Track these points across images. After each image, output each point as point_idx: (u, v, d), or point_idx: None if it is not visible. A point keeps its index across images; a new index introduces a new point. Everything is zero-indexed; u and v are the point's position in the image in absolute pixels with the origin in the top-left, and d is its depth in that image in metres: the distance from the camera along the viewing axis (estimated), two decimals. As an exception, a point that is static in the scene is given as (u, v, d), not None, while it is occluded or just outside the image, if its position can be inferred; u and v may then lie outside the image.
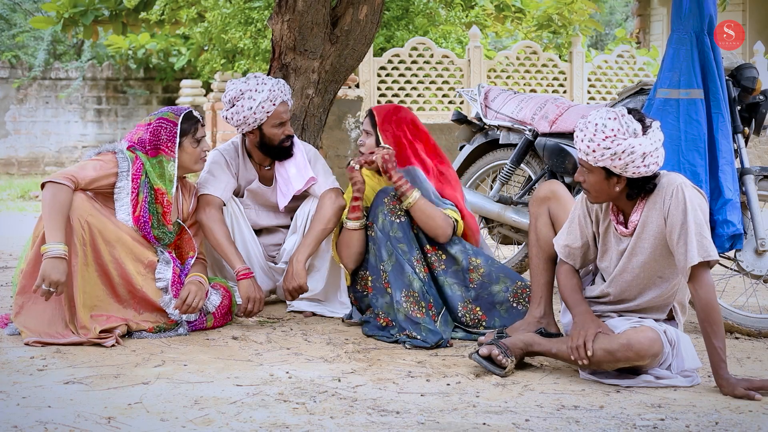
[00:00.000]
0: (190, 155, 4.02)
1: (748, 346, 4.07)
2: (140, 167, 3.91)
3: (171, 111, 4.03)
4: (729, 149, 4.16)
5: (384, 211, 3.99)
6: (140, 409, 2.87)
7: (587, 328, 3.30)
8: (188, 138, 4.00)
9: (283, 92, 4.30)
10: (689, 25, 4.16)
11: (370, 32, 5.12)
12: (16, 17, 16.85)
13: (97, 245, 3.76)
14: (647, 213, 3.31)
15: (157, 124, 3.98)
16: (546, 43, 10.95)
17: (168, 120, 3.98)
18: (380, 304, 4.00)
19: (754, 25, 13.72)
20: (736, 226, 4.05)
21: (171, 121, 3.98)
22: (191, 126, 4.01)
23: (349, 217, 4.06)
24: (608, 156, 3.20)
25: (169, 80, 15.67)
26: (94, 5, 11.56)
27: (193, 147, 4.02)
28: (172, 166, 3.97)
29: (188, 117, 4.02)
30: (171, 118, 3.98)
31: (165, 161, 3.96)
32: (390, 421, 2.82)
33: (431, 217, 3.99)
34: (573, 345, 3.28)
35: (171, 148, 3.96)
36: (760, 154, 9.45)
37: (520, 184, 5.43)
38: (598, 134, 3.20)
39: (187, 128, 4.00)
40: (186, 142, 4.00)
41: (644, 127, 3.22)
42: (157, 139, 3.96)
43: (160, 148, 3.96)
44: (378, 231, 3.99)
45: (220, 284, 4.13)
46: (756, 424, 2.85)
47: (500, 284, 4.03)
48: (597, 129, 3.21)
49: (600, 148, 3.21)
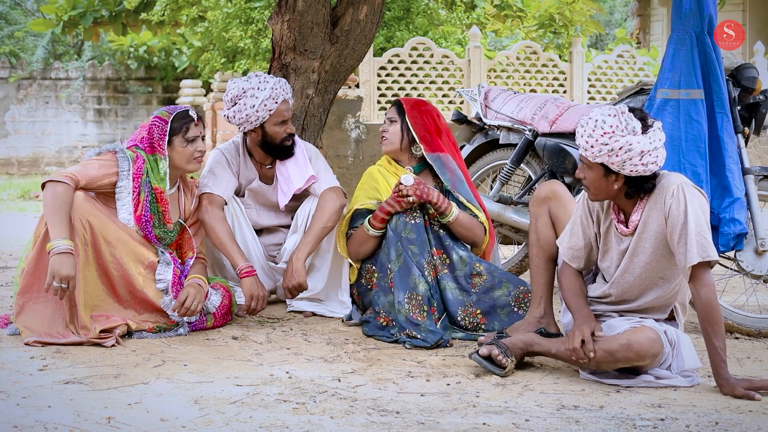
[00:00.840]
0: (180, 155, 4.00)
1: (748, 346, 4.07)
2: (141, 166, 3.92)
3: (165, 110, 4.04)
4: (734, 149, 4.17)
5: (398, 211, 4.01)
6: (140, 409, 2.87)
7: (582, 328, 3.30)
8: (178, 137, 3.99)
9: (285, 91, 4.31)
10: (689, 25, 4.17)
11: (370, 32, 5.12)
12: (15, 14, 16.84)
13: (98, 245, 3.76)
14: (648, 213, 3.31)
15: (151, 123, 4.00)
16: (546, 43, 10.94)
17: (161, 119, 3.99)
18: (382, 302, 4.00)
19: (754, 25, 13.71)
20: (743, 224, 4.07)
21: (163, 120, 3.99)
22: (182, 125, 4.00)
23: (374, 225, 4.08)
24: (605, 152, 3.21)
25: (170, 80, 15.67)
26: (93, 7, 11.55)
27: (182, 146, 4.00)
28: (164, 164, 3.97)
29: (180, 116, 4.01)
30: (163, 116, 4.00)
31: (158, 159, 3.98)
32: (390, 421, 2.82)
33: (470, 229, 4.12)
34: (570, 347, 3.28)
35: (161, 146, 3.97)
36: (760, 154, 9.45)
37: (520, 184, 5.43)
38: (597, 130, 3.22)
39: (178, 127, 3.99)
40: (176, 141, 3.99)
41: (645, 126, 3.23)
42: (151, 137, 3.97)
43: (153, 146, 3.97)
44: (390, 230, 3.99)
45: (220, 284, 4.13)
46: (756, 424, 2.85)
47: (502, 289, 4.03)
48: (596, 125, 3.23)
49: (598, 144, 3.22)
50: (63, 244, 3.60)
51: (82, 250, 3.72)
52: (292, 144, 4.39)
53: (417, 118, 4.23)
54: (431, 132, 4.23)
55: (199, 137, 4.06)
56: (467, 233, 4.13)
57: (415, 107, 4.27)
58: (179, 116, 4.01)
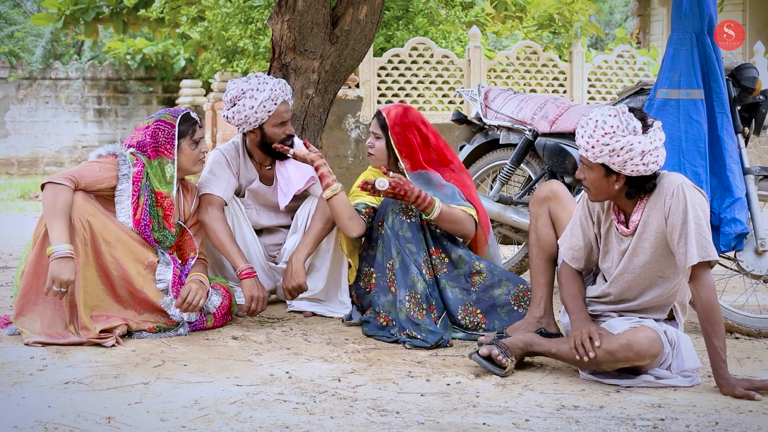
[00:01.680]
0: (188, 157, 4.03)
1: (748, 346, 4.07)
2: (141, 170, 3.92)
3: (168, 113, 4.04)
4: (735, 149, 4.17)
5: (395, 210, 3.99)
6: (140, 409, 2.87)
7: (587, 326, 3.31)
8: (186, 140, 4.01)
9: (284, 92, 4.31)
10: (689, 25, 4.17)
11: (370, 32, 5.12)
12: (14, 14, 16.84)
13: (98, 245, 3.76)
14: (648, 213, 3.31)
15: (155, 126, 3.98)
16: (546, 42, 10.93)
17: (166, 122, 3.99)
18: (382, 302, 4.00)
19: (754, 25, 13.71)
20: (744, 224, 4.07)
21: (169, 123, 3.98)
22: (189, 128, 4.02)
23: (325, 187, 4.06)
24: (606, 152, 3.21)
25: (170, 80, 15.67)
26: (95, 3, 11.55)
27: (191, 149, 4.02)
28: (171, 168, 3.97)
29: (186, 119, 4.03)
30: (168, 120, 3.99)
31: (164, 163, 3.97)
32: (390, 421, 2.82)
33: (456, 222, 4.03)
34: (577, 342, 3.28)
35: (170, 150, 3.97)
36: (760, 154, 9.45)
37: (520, 184, 5.43)
38: (598, 130, 3.22)
39: (185, 130, 4.01)
40: (184, 144, 4.01)
41: (645, 126, 3.23)
42: (156, 141, 3.96)
43: (159, 150, 3.97)
44: (387, 229, 3.99)
45: (220, 284, 4.13)
46: (756, 424, 2.85)
47: (502, 287, 4.03)
48: (597, 125, 3.23)
49: (599, 144, 3.22)
50: (63, 248, 3.60)
51: (82, 250, 3.72)
52: (292, 145, 4.39)
53: (400, 135, 4.15)
54: (414, 147, 4.16)
55: (203, 138, 4.09)
56: (455, 226, 4.04)
57: (398, 122, 4.16)
58: (185, 119, 4.02)
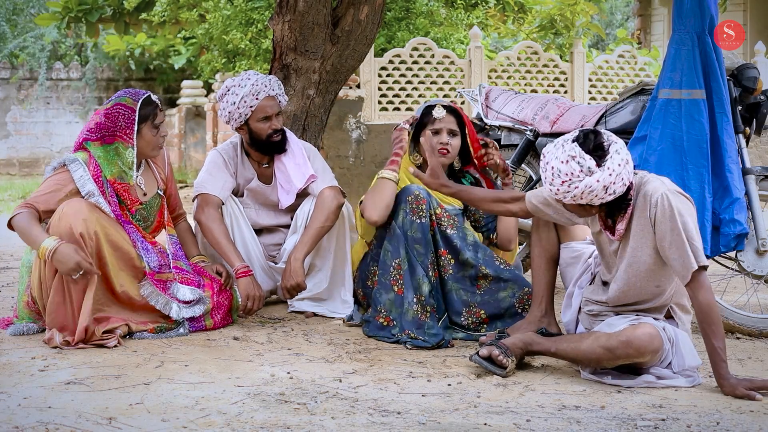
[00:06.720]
0: (147, 142, 3.92)
1: (749, 346, 4.07)
2: (97, 165, 3.85)
3: (129, 95, 3.91)
4: (734, 149, 4.17)
5: (406, 210, 3.98)
6: (141, 409, 2.87)
7: None
8: (147, 124, 3.90)
9: (267, 86, 4.29)
10: (690, 26, 4.17)
11: (371, 33, 5.12)
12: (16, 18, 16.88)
13: (102, 253, 3.75)
14: (636, 222, 3.32)
15: (115, 110, 3.86)
16: (547, 43, 10.94)
17: (126, 106, 3.86)
18: (383, 300, 3.98)
19: (754, 25, 13.71)
20: (743, 225, 4.07)
21: (129, 107, 3.86)
22: (150, 112, 3.90)
23: (386, 169, 4.06)
24: (570, 197, 3.22)
25: (170, 81, 15.68)
26: (98, 4, 11.57)
27: (152, 134, 3.92)
28: (131, 153, 3.87)
29: (147, 102, 3.90)
30: (129, 104, 3.87)
31: (122, 148, 3.87)
32: (391, 421, 2.82)
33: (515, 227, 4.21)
34: None
35: (129, 135, 3.86)
36: (760, 154, 9.45)
37: (520, 185, 5.43)
38: (556, 179, 3.21)
39: (146, 114, 3.89)
40: (145, 129, 3.90)
41: (601, 156, 3.17)
42: (115, 125, 3.85)
43: (117, 134, 3.85)
44: (397, 228, 3.98)
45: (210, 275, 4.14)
46: (757, 425, 2.85)
47: (507, 290, 4.02)
48: (554, 173, 3.21)
49: (561, 192, 3.23)
50: (48, 242, 3.60)
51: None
52: (282, 140, 4.38)
53: (472, 134, 4.19)
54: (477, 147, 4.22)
55: (164, 123, 3.99)
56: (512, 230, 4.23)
57: (468, 119, 4.21)
58: (146, 102, 3.90)
